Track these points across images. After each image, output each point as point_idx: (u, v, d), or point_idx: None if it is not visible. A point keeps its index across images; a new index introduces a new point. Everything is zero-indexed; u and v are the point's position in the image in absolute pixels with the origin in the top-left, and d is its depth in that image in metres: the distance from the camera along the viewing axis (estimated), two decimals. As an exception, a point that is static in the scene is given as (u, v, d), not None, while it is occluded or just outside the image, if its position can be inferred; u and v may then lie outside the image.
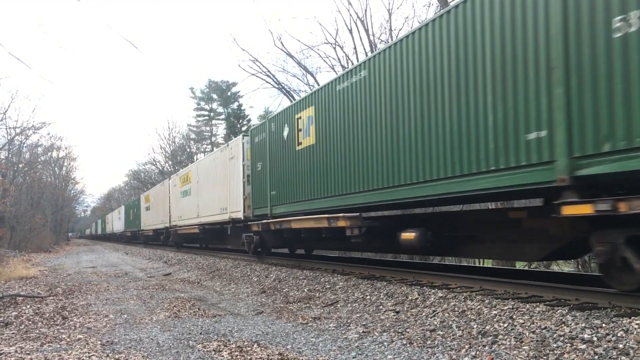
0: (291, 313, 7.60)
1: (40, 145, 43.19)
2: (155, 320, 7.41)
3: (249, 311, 8.09)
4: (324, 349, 5.37)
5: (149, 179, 63.11)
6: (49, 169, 51.42)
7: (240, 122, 50.71)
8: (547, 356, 4.37)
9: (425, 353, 4.94)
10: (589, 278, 8.13)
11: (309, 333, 6.16)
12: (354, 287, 8.75)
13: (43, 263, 22.21)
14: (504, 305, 5.96)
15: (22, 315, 7.88)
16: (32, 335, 6.49)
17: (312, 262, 12.89)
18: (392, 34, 23.79)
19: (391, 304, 7.26)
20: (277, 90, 30.32)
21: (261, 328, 6.56)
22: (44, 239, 39.02)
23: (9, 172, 33.25)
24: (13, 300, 9.20)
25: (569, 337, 4.62)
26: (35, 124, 35.59)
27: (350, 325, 6.41)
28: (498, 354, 4.64)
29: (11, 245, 28.75)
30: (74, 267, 19.35)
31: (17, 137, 34.45)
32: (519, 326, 5.21)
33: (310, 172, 11.07)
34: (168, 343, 5.82)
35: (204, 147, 57.13)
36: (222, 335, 6.19)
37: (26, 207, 35.73)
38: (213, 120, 57.28)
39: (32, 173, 38.45)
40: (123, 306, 8.81)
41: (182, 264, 18.31)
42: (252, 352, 5.24)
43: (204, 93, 56.47)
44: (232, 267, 14.64)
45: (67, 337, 6.27)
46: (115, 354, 5.28)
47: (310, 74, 29.11)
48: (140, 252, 29.43)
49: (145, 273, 16.19)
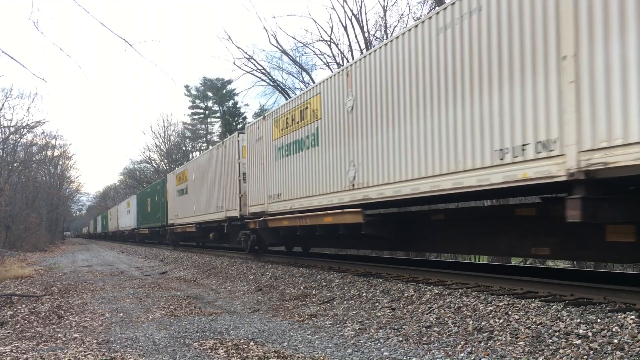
0: (287, 311, 7.60)
1: (35, 144, 43.07)
2: (151, 318, 7.40)
3: (245, 309, 8.09)
4: (320, 346, 5.38)
5: (144, 177, 62.95)
6: (43, 168, 51.20)
7: (236, 120, 50.66)
8: (542, 352, 4.39)
9: (422, 349, 4.95)
10: (584, 274, 8.17)
11: (305, 330, 6.17)
12: (350, 285, 8.76)
13: (38, 262, 22.13)
14: (499, 301, 5.97)
15: (18, 314, 7.85)
16: (27, 334, 6.47)
17: (309, 260, 12.89)
18: (387, 31, 23.79)
19: (387, 300, 7.28)
20: (272, 88, 30.32)
21: (257, 326, 6.56)
22: (39, 238, 38.90)
23: (4, 171, 33.13)
24: (8, 300, 9.17)
25: (564, 333, 4.63)
26: (29, 123, 35.49)
27: (347, 323, 6.42)
28: (494, 349, 4.65)
29: (6, 245, 28.65)
30: (69, 266, 19.29)
31: (12, 136, 34.31)
32: (514, 322, 5.22)
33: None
34: (164, 341, 5.81)
35: (199, 145, 57.02)
36: (219, 333, 6.19)
37: (21, 207, 35.60)
38: (208, 119, 57.14)
39: (27, 172, 38.29)
40: (119, 305, 8.79)
41: (178, 263, 18.29)
42: (249, 349, 5.24)
43: (199, 91, 56.31)
44: (228, 265, 14.64)
45: (62, 336, 6.26)
46: (111, 353, 5.27)
47: (306, 71, 29.12)
48: (136, 251, 29.37)
49: (141, 272, 16.16)
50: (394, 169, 8.05)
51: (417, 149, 7.51)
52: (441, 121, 7.01)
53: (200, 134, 58.11)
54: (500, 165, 6.03)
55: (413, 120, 7.60)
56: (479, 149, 6.37)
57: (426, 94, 7.30)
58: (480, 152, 6.34)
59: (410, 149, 7.66)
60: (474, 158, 6.44)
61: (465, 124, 6.58)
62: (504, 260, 14.68)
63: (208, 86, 55.01)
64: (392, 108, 8.07)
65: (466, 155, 6.57)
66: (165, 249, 26.19)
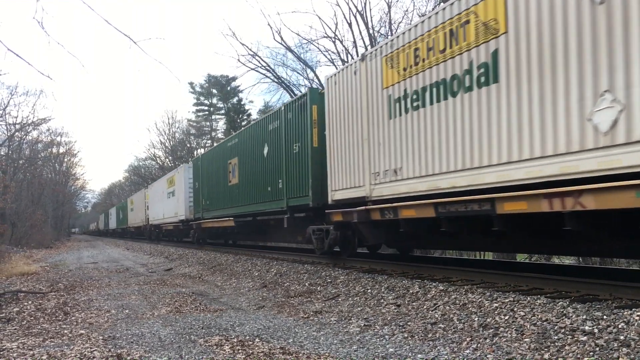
0: (292, 307, 7.61)
1: (40, 141, 43.22)
2: (156, 315, 7.42)
3: (250, 306, 8.11)
4: (326, 342, 5.38)
5: (149, 174, 63.09)
6: (49, 165, 51.43)
7: (240, 117, 50.62)
8: (548, 348, 4.37)
9: (427, 346, 4.94)
10: (590, 270, 8.14)
11: (310, 327, 6.17)
12: (355, 281, 8.76)
13: (44, 259, 22.24)
14: (505, 297, 5.96)
15: (24, 311, 7.89)
16: (34, 330, 6.50)
17: (314, 257, 12.59)
18: (391, 27, 23.71)
19: (392, 297, 7.27)
20: (276, 85, 30.30)
21: (262, 322, 6.57)
22: (45, 235, 39.07)
23: (9, 169, 33.27)
24: (15, 297, 9.22)
25: (570, 329, 4.62)
26: (35, 120, 35.62)
27: (352, 319, 6.42)
28: (499, 346, 4.64)
29: (12, 242, 28.80)
30: (75, 263, 19.38)
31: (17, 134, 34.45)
32: (520, 319, 5.21)
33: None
34: (170, 338, 5.83)
35: (204, 142, 57.08)
36: (224, 329, 6.20)
37: (27, 204, 35.77)
38: (213, 115, 57.16)
39: (32, 169, 38.46)
40: (124, 301, 8.83)
41: (183, 259, 18.33)
42: (254, 346, 5.25)
43: (203, 88, 56.30)
44: (233, 261, 14.66)
45: (69, 332, 6.28)
46: (117, 349, 5.28)
47: (310, 68, 29.08)
48: (141, 248, 29.45)
49: (147, 268, 16.21)
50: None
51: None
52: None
53: (205, 131, 58.15)
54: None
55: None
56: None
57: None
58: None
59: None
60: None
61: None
62: (509, 257, 14.66)
63: (212, 83, 54.99)
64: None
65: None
66: (170, 246, 26.23)
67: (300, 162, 11.76)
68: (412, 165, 8.11)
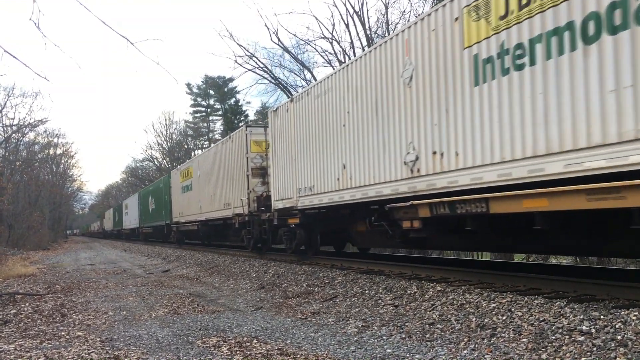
0: (290, 308, 7.61)
1: (37, 142, 43.16)
2: (154, 316, 7.41)
3: (248, 307, 8.10)
4: (323, 343, 5.38)
5: (146, 175, 63.01)
6: (46, 167, 51.31)
7: (238, 117, 50.60)
8: (545, 348, 4.38)
9: (425, 347, 4.95)
10: (588, 270, 8.16)
11: (308, 328, 6.17)
12: (352, 282, 8.76)
13: (41, 261, 22.18)
14: (502, 298, 5.97)
15: (21, 313, 7.87)
16: (31, 332, 6.48)
17: (316, 258, 12.62)
18: (389, 28, 23.73)
19: (390, 298, 7.27)
20: (274, 86, 30.30)
21: (260, 323, 6.57)
22: (42, 237, 38.96)
23: (6, 170, 33.19)
24: (12, 298, 9.19)
25: (568, 329, 4.63)
26: (32, 122, 35.55)
27: (349, 320, 6.42)
28: (497, 346, 4.65)
29: (9, 244, 28.72)
30: (72, 265, 19.33)
31: (14, 135, 34.37)
32: (517, 319, 5.22)
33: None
34: (167, 339, 5.82)
35: (201, 143, 57.05)
36: (222, 330, 6.19)
37: (24, 205, 35.71)
38: (210, 117, 57.16)
39: (29, 171, 38.38)
40: (122, 303, 8.81)
41: (181, 261, 18.31)
42: (252, 347, 5.25)
43: (200, 89, 56.33)
44: (230, 263, 14.65)
45: (66, 334, 6.27)
46: (114, 351, 5.27)
47: (307, 69, 29.08)
48: (138, 249, 29.41)
49: (144, 270, 16.18)
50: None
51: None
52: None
53: (202, 132, 58.16)
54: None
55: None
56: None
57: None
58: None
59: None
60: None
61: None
62: (507, 257, 14.68)
63: (210, 84, 55.02)
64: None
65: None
66: (167, 247, 26.20)
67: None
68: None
